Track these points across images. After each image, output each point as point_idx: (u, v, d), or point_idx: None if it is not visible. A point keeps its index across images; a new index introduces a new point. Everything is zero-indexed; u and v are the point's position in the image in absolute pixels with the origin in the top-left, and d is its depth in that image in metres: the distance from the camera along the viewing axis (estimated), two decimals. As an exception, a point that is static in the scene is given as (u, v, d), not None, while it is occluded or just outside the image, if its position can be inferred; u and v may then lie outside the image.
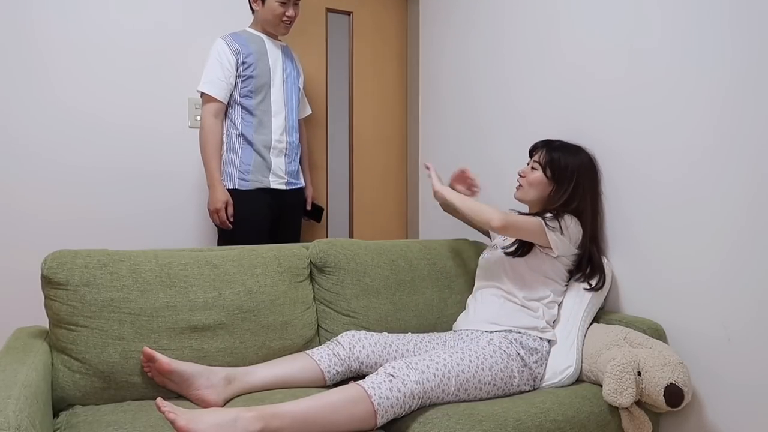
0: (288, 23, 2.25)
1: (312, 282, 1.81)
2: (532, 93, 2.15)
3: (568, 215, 1.73)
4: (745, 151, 1.44)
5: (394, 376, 1.34)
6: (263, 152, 2.21)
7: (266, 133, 2.22)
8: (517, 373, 1.55)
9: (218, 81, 2.14)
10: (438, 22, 2.73)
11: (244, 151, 2.19)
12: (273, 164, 2.23)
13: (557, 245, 1.70)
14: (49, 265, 1.45)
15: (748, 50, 1.43)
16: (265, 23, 2.25)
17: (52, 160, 2.24)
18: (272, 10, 2.20)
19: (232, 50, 2.16)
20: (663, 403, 1.42)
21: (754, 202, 1.42)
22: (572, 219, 1.73)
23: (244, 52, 2.17)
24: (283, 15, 2.21)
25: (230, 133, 2.21)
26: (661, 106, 1.65)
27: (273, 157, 2.23)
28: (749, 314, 1.44)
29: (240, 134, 2.19)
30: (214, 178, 2.14)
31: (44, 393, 1.28)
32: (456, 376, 1.43)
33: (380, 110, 2.93)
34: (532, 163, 1.84)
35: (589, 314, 1.72)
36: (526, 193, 1.84)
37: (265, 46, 2.24)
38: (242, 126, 2.19)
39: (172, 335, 1.52)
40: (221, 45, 2.17)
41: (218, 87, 2.14)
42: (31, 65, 2.20)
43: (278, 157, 2.25)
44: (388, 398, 1.30)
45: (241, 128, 2.19)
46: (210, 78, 2.15)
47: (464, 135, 2.55)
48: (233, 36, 2.20)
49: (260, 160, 2.20)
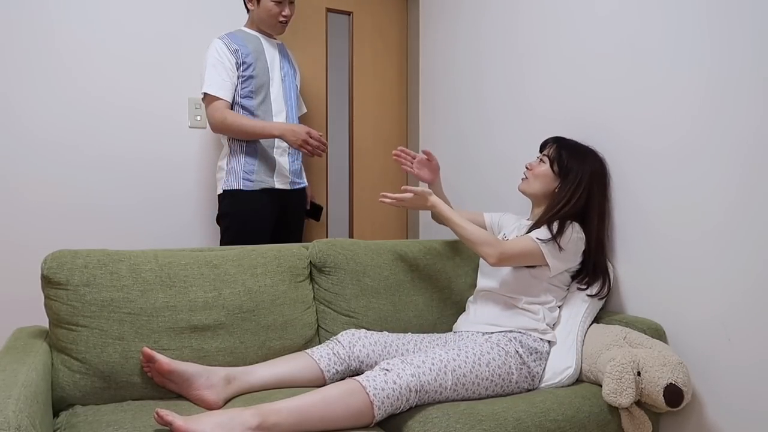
0: (284, 22, 2.23)
1: (312, 282, 1.81)
2: (534, 90, 2.15)
3: (571, 224, 1.69)
4: (745, 152, 1.44)
5: (389, 371, 1.35)
6: (267, 151, 2.19)
7: None
8: (515, 370, 1.54)
9: (223, 82, 2.11)
10: (438, 22, 2.73)
11: (248, 151, 2.16)
12: (278, 163, 2.21)
13: (556, 267, 1.67)
14: (49, 265, 1.45)
15: (750, 47, 1.43)
16: (260, 23, 2.23)
17: (52, 159, 2.24)
18: (268, 9, 2.18)
19: (231, 50, 2.13)
20: (663, 403, 1.42)
21: (754, 202, 1.42)
22: (574, 229, 1.69)
23: (242, 51, 2.15)
24: (279, 14, 2.19)
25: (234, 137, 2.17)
26: (668, 107, 1.65)
27: (277, 156, 2.22)
28: (749, 314, 1.44)
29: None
30: (273, 126, 2.11)
31: (44, 393, 1.28)
32: (453, 371, 1.43)
33: (380, 110, 2.93)
34: (541, 157, 1.84)
35: (589, 315, 1.72)
36: (530, 185, 1.83)
37: (262, 45, 2.23)
38: None
39: (172, 335, 1.52)
40: (220, 45, 2.13)
41: (224, 88, 2.11)
42: (31, 66, 2.20)
43: (282, 156, 2.23)
44: (383, 389, 1.30)
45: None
46: (214, 80, 2.10)
47: (464, 135, 2.55)
48: (230, 36, 2.18)
49: (264, 159, 2.19)
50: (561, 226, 1.68)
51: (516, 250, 1.64)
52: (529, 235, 1.67)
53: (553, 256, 1.65)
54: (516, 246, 1.65)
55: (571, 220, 1.70)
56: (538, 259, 1.66)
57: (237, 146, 2.18)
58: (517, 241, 1.66)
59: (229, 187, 2.16)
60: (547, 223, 1.70)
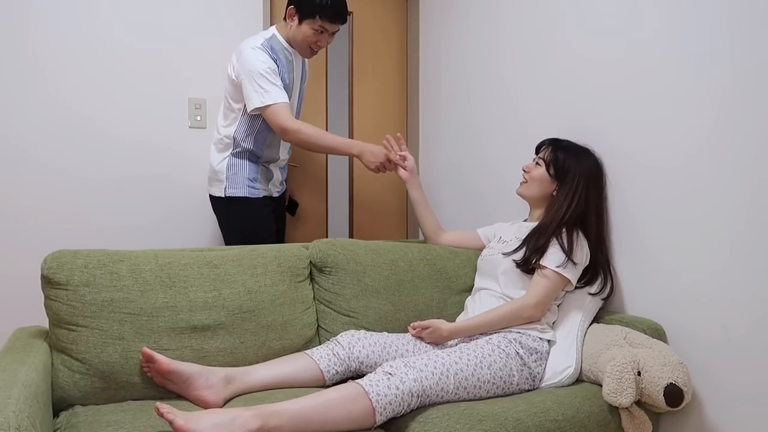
0: (316, 51, 2.16)
1: (312, 282, 1.81)
2: (532, 92, 2.15)
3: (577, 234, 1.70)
4: (745, 151, 1.44)
5: (392, 375, 1.34)
6: (266, 165, 2.22)
7: (275, 151, 2.21)
8: (516, 372, 1.54)
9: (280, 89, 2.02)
10: (438, 22, 2.73)
11: (251, 163, 2.16)
12: (274, 175, 2.26)
13: (574, 279, 1.69)
14: (49, 265, 1.46)
15: (748, 44, 1.43)
16: (293, 41, 2.12)
17: (52, 160, 2.24)
18: (305, 35, 2.07)
19: (272, 59, 2.04)
20: (663, 403, 1.42)
21: (754, 202, 1.42)
22: (578, 239, 1.70)
23: (279, 64, 2.06)
24: (314, 43, 2.10)
25: (238, 143, 2.13)
26: (659, 99, 1.64)
27: (274, 169, 2.26)
28: (749, 314, 1.44)
29: (249, 149, 2.13)
30: (351, 144, 2.10)
31: (44, 393, 1.28)
32: (455, 375, 1.43)
33: (380, 110, 2.93)
34: (537, 159, 1.84)
35: (589, 314, 1.72)
36: (528, 189, 1.83)
37: (293, 61, 2.16)
38: (253, 142, 2.12)
39: (172, 335, 1.52)
40: (262, 56, 2.02)
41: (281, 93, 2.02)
42: (30, 68, 2.20)
43: (277, 169, 2.28)
44: (386, 395, 1.30)
45: (251, 144, 2.12)
46: (272, 88, 2.00)
47: (464, 134, 2.55)
48: (269, 47, 2.05)
49: (264, 170, 2.22)
50: (570, 240, 1.68)
51: (543, 293, 1.65)
52: (546, 271, 1.66)
53: (572, 273, 1.67)
54: (539, 289, 1.65)
55: (576, 230, 1.71)
56: (563, 285, 1.68)
57: (239, 158, 2.15)
58: (538, 284, 1.66)
59: (235, 193, 2.15)
60: (554, 235, 1.69)
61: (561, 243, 1.68)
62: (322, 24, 2.05)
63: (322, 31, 2.07)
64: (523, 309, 1.64)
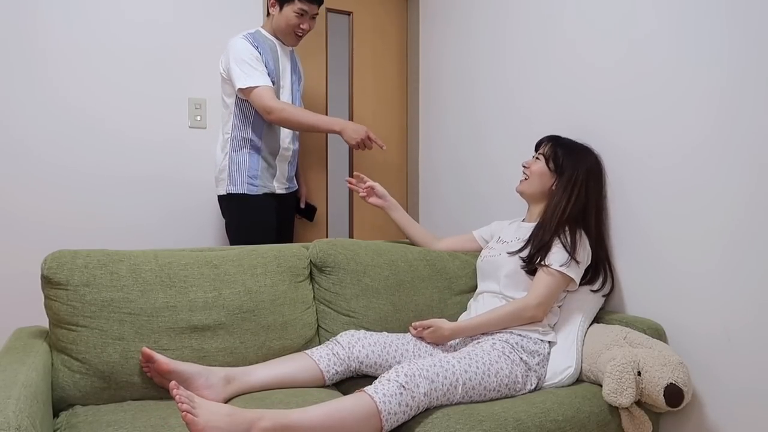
0: (300, 35, 2.23)
1: (312, 282, 1.81)
2: (532, 92, 2.15)
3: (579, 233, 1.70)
4: (744, 151, 1.44)
5: (405, 388, 1.31)
6: (269, 159, 2.21)
7: (275, 139, 2.21)
8: (521, 378, 1.54)
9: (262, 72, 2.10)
10: (438, 22, 2.73)
11: (251, 157, 2.17)
12: (278, 171, 2.24)
13: (577, 278, 1.68)
14: (49, 265, 1.46)
15: (747, 44, 1.43)
16: (278, 30, 2.22)
17: (53, 160, 2.24)
18: (288, 19, 2.17)
19: (255, 48, 2.13)
20: (663, 403, 1.42)
21: (753, 202, 1.42)
22: (580, 238, 1.70)
23: (262, 53, 2.15)
24: (297, 27, 2.19)
25: (236, 137, 2.17)
26: (659, 98, 1.64)
27: (278, 163, 2.25)
28: (749, 314, 1.44)
29: (248, 139, 2.16)
30: (333, 121, 2.16)
31: (44, 393, 1.28)
32: (463, 384, 1.42)
33: (380, 110, 2.93)
34: (536, 155, 1.84)
35: (589, 314, 1.72)
36: (529, 185, 1.83)
37: (278, 51, 2.23)
38: (251, 132, 2.16)
39: (172, 335, 1.52)
40: (245, 44, 2.11)
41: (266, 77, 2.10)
42: (32, 67, 2.20)
43: (283, 163, 2.27)
44: (395, 413, 1.29)
45: (249, 134, 2.16)
46: (253, 71, 2.08)
47: (465, 134, 2.55)
48: (252, 37, 2.16)
49: (266, 165, 2.20)
50: (573, 239, 1.68)
51: (545, 293, 1.64)
52: (549, 269, 1.65)
53: (576, 272, 1.67)
54: (542, 288, 1.65)
55: (578, 229, 1.71)
56: (566, 285, 1.68)
57: (240, 151, 2.17)
58: (540, 283, 1.66)
59: (234, 190, 2.16)
60: (557, 234, 1.69)
61: (564, 242, 1.68)
62: (302, 6, 2.16)
63: (303, 13, 2.17)
64: (525, 309, 1.64)
